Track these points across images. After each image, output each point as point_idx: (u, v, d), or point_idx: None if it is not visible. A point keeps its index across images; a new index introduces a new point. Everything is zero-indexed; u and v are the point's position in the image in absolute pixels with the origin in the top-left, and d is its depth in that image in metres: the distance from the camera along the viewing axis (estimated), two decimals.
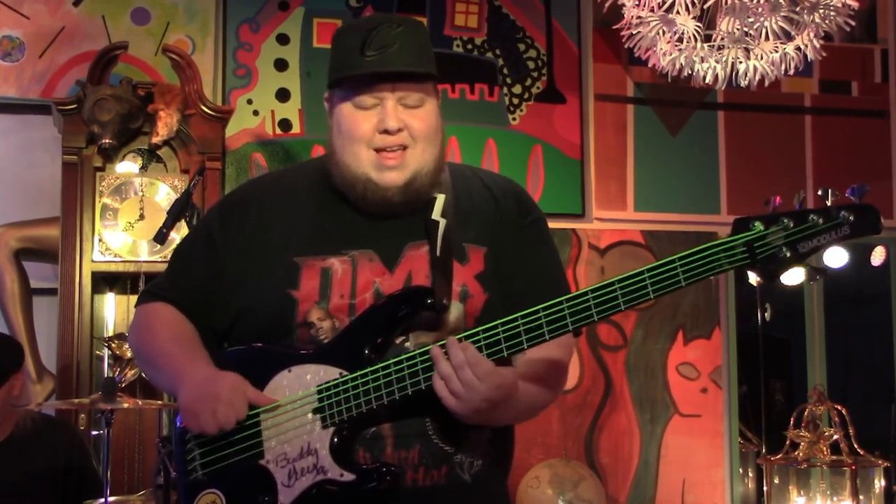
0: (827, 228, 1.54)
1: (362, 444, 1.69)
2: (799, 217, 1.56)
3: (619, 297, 1.60)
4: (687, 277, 1.58)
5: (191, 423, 1.73)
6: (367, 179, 1.76)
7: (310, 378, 1.71)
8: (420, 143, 1.77)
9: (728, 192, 4.83)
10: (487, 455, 1.77)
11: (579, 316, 1.62)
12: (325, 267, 1.76)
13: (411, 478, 1.69)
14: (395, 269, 1.76)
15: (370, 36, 1.74)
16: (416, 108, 1.77)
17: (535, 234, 1.90)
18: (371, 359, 1.68)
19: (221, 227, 1.87)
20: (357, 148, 1.76)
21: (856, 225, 1.53)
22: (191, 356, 1.80)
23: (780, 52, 3.84)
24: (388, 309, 1.72)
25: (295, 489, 1.68)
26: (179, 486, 1.83)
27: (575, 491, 4.18)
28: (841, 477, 4.00)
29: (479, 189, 1.90)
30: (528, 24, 4.71)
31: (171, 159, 3.99)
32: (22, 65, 4.16)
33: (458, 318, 1.74)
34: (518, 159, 4.61)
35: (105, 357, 3.83)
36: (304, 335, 1.75)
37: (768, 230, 1.57)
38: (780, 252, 1.56)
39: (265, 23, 4.44)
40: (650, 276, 1.59)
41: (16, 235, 3.93)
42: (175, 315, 1.88)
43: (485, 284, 1.78)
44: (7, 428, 3.25)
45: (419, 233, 1.79)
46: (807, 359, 4.92)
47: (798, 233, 1.56)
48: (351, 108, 1.78)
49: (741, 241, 1.59)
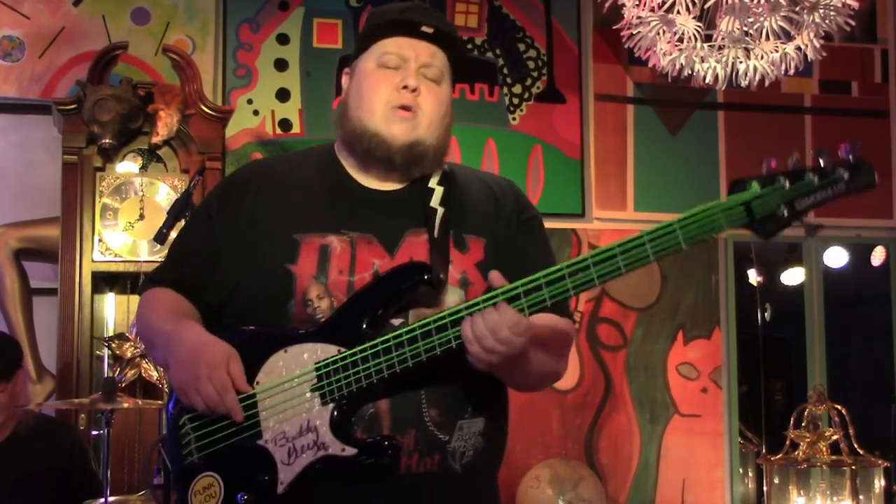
0: (823, 185, 1.56)
1: (360, 424, 1.69)
2: (795, 175, 1.58)
3: (620, 262, 1.60)
4: (686, 238, 1.60)
5: (180, 395, 1.74)
6: (374, 133, 1.80)
7: (307, 357, 1.71)
8: (427, 115, 1.81)
9: (728, 192, 4.82)
10: (479, 446, 1.78)
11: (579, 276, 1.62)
12: (325, 244, 1.77)
13: (405, 463, 1.70)
14: (395, 254, 1.77)
15: (409, 9, 1.86)
16: (434, 83, 1.83)
17: (533, 230, 1.93)
18: (369, 334, 1.68)
19: (220, 207, 1.88)
20: (374, 103, 1.81)
21: (851, 180, 1.55)
22: (178, 326, 1.79)
23: (780, 52, 3.85)
24: (385, 284, 1.73)
25: (295, 466, 1.68)
26: (173, 471, 1.82)
27: (575, 491, 4.18)
28: (841, 477, 4.00)
29: (478, 186, 1.92)
30: (528, 24, 4.71)
31: (171, 159, 4.00)
32: (22, 65, 4.16)
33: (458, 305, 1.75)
34: (518, 159, 4.61)
35: (105, 357, 3.83)
36: (300, 313, 1.75)
37: (765, 189, 1.59)
38: (778, 210, 1.57)
39: (265, 23, 4.44)
40: (650, 239, 1.60)
41: (16, 235, 3.93)
42: (171, 294, 1.88)
43: (484, 273, 1.77)
44: (8, 428, 3.25)
45: (419, 221, 1.81)
46: (807, 359, 4.92)
47: (794, 191, 1.57)
48: (374, 66, 1.83)
49: (739, 200, 1.60)
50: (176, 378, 1.74)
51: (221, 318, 1.86)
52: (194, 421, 1.76)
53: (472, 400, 1.76)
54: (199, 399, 1.70)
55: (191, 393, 1.70)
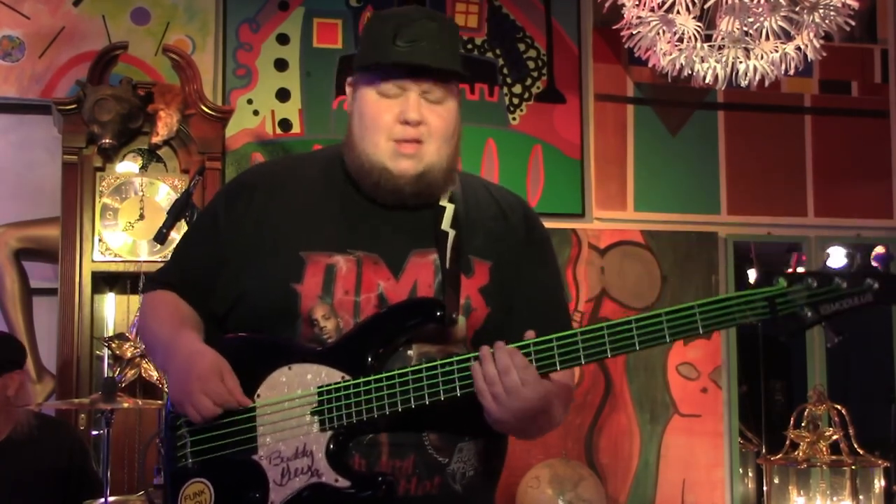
0: (851, 294, 1.55)
1: (358, 449, 1.68)
2: (824, 278, 1.56)
3: (636, 338, 1.60)
4: (705, 326, 1.59)
5: (177, 408, 1.74)
6: (382, 168, 1.76)
7: (310, 378, 1.70)
8: (435, 140, 1.77)
9: (728, 192, 4.83)
10: (479, 465, 1.77)
11: (593, 349, 1.63)
12: (330, 263, 1.75)
13: (404, 487, 1.68)
14: (400, 276, 1.75)
15: (403, 27, 1.76)
16: (438, 104, 1.77)
17: (540, 253, 1.90)
18: (374, 366, 1.68)
19: (227, 211, 1.85)
20: (377, 137, 1.76)
21: (880, 294, 1.54)
22: (175, 334, 1.78)
23: (780, 52, 3.84)
24: (396, 317, 1.71)
25: (287, 489, 1.67)
26: (166, 472, 1.81)
27: (575, 491, 4.18)
28: (841, 477, 3.99)
29: (487, 201, 1.89)
30: (528, 24, 4.71)
31: (171, 159, 3.99)
32: (22, 65, 4.16)
33: (461, 331, 1.74)
34: (518, 159, 4.61)
35: (105, 357, 3.83)
36: (307, 332, 1.74)
37: (791, 287, 1.57)
38: (802, 311, 1.57)
39: (265, 23, 4.44)
40: (668, 320, 1.59)
41: (16, 235, 3.93)
42: (172, 298, 1.87)
43: (487, 298, 1.77)
44: (7, 428, 3.25)
45: (426, 240, 1.78)
46: (807, 359, 4.92)
47: (821, 294, 1.56)
48: (375, 95, 1.78)
49: (763, 294, 1.59)
50: (172, 391, 1.74)
51: (226, 325, 1.84)
52: (192, 424, 1.74)
53: (472, 422, 1.74)
54: (194, 412, 1.69)
55: (186, 407, 1.70)
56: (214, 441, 1.73)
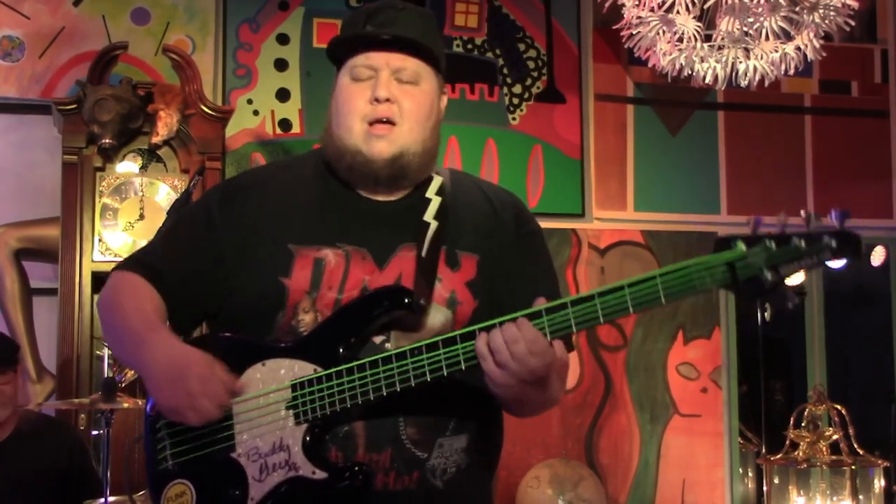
0: (808, 252, 1.55)
1: (335, 442, 1.68)
2: (781, 240, 1.56)
3: (599, 311, 1.58)
4: (667, 294, 1.57)
5: (171, 416, 1.69)
6: (356, 151, 1.76)
7: (283, 373, 1.69)
8: (408, 121, 1.76)
9: (728, 191, 4.83)
10: (462, 462, 1.75)
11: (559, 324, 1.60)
12: (319, 257, 1.75)
13: (382, 481, 1.67)
14: (384, 268, 1.75)
15: (376, 12, 1.78)
16: (411, 84, 1.77)
17: (531, 246, 1.89)
18: (346, 356, 1.67)
19: (223, 209, 1.84)
20: (350, 121, 1.77)
21: (837, 250, 1.54)
22: (150, 332, 1.73)
23: (780, 52, 3.85)
24: (363, 306, 1.71)
25: (266, 484, 1.67)
26: (148, 474, 1.79)
27: (575, 491, 4.18)
28: (841, 477, 4.00)
29: (477, 198, 1.89)
30: (528, 24, 4.71)
31: (171, 159, 3.99)
32: (22, 65, 4.16)
33: (445, 325, 1.73)
34: (518, 159, 4.61)
35: (105, 357, 3.82)
36: (285, 326, 1.73)
37: (751, 250, 1.57)
38: (763, 273, 1.56)
39: (265, 23, 4.44)
40: (630, 292, 1.57)
41: (16, 235, 3.93)
42: (147, 290, 1.82)
43: (475, 292, 1.76)
44: (7, 428, 3.25)
45: (414, 235, 1.78)
46: (807, 359, 4.92)
47: (780, 255, 1.56)
48: (348, 81, 1.79)
49: (723, 260, 1.58)
50: (166, 400, 1.67)
51: (212, 322, 1.83)
52: (171, 426, 1.73)
53: (453, 417, 1.73)
54: (194, 416, 1.65)
55: (185, 412, 1.65)
56: (193, 441, 1.72)
